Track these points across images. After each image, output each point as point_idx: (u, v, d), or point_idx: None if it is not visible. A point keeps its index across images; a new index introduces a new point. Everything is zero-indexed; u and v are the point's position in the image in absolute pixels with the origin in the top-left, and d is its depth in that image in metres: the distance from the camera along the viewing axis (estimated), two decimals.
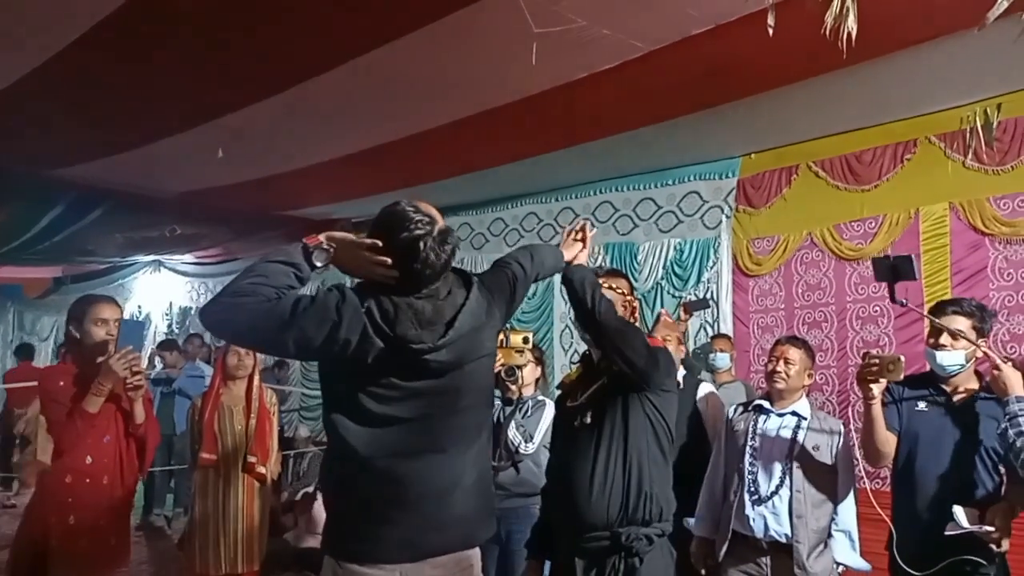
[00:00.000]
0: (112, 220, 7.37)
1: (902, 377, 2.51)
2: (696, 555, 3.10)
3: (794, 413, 2.97)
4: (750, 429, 3.00)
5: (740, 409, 3.15)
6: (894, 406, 2.70)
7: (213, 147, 5.28)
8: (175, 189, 6.73)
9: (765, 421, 3.00)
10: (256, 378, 3.97)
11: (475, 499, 1.90)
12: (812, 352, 3.11)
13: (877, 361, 2.49)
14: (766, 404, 3.03)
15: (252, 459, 3.81)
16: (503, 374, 3.28)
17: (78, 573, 2.85)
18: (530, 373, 3.53)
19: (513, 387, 3.33)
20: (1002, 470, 2.56)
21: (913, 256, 2.59)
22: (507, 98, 4.51)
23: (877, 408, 2.57)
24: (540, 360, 3.69)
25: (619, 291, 2.46)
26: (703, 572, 3.09)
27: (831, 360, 5.16)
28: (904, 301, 2.59)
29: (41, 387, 2.99)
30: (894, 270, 2.47)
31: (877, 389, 2.53)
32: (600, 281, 2.40)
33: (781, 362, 2.99)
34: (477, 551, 1.95)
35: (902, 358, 2.48)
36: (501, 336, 3.30)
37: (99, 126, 5.09)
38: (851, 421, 5.06)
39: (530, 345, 3.39)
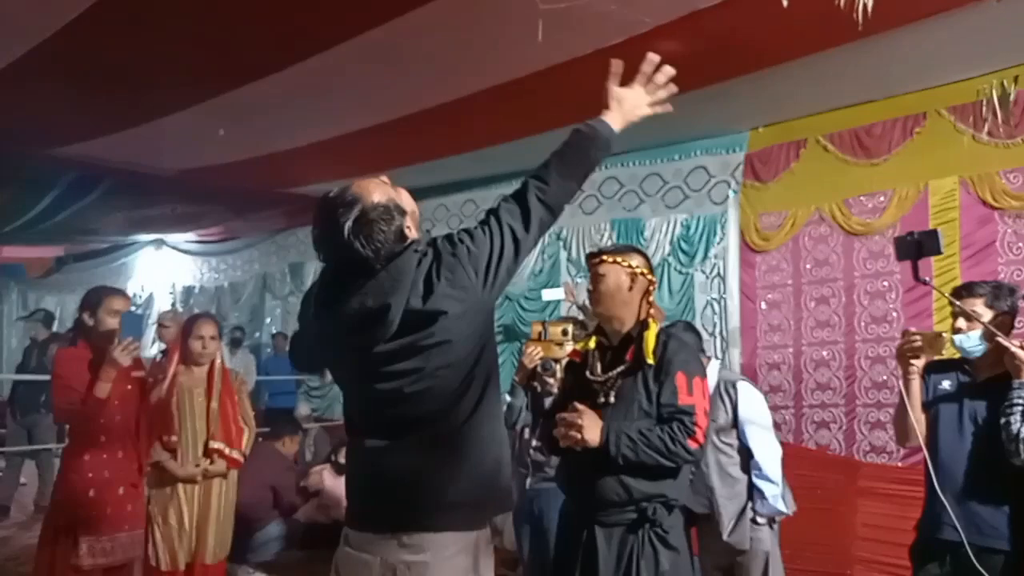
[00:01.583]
0: (113, 199, 7.35)
1: (944, 353, 2.51)
2: None
3: None
4: None
5: None
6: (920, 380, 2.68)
7: (214, 125, 5.24)
8: (176, 167, 6.68)
9: None
10: (218, 360, 3.69)
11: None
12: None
13: (919, 338, 2.48)
14: None
15: (217, 445, 3.53)
16: (539, 368, 3.22)
17: (101, 535, 3.16)
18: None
19: (551, 380, 3.24)
20: None
21: (939, 231, 2.55)
22: (512, 75, 4.44)
23: (915, 385, 2.56)
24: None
25: (630, 267, 2.35)
26: None
27: (839, 335, 5.15)
28: (927, 280, 2.58)
29: (55, 373, 3.16)
30: (919, 246, 2.44)
31: (918, 365, 2.53)
32: (611, 258, 2.37)
33: None
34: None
35: (944, 334, 2.48)
36: (539, 328, 3.25)
37: (99, 105, 5.04)
38: (857, 396, 5.06)
39: (569, 337, 3.25)
